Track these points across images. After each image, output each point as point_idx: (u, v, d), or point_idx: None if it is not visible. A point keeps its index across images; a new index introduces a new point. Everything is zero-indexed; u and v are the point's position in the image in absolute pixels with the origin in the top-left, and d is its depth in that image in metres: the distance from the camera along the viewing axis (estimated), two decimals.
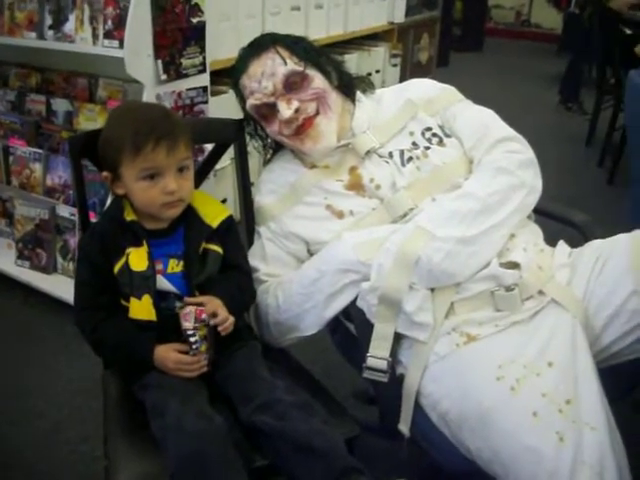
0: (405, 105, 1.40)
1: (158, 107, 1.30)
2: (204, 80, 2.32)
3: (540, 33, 8.89)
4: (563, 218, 1.55)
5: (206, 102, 2.35)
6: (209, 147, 2.03)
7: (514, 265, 1.22)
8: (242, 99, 1.38)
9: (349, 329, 1.36)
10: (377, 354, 1.19)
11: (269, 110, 1.33)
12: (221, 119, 1.44)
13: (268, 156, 1.47)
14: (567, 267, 1.28)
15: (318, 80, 1.33)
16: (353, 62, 3.57)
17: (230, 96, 2.58)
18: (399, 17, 4.19)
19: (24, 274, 2.45)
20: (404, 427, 1.22)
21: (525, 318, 1.18)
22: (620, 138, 3.63)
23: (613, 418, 1.09)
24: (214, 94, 2.47)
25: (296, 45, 1.34)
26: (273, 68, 1.30)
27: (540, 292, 1.22)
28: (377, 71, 3.99)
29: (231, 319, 1.17)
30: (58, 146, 2.49)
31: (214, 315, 1.14)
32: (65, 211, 2.38)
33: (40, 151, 2.47)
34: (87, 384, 1.96)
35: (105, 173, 1.20)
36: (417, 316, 1.17)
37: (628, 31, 3.45)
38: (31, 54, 2.55)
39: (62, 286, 2.35)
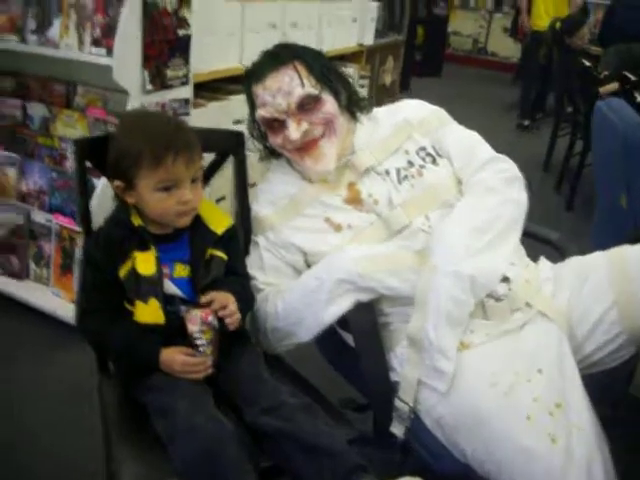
0: (402, 125, 1.46)
1: (170, 118, 1.32)
2: (187, 92, 2.35)
3: (496, 61, 9.18)
4: (541, 236, 1.63)
5: (188, 114, 2.37)
6: None
7: (504, 278, 1.29)
8: (252, 104, 1.41)
9: (340, 337, 1.40)
10: (405, 398, 1.24)
11: (277, 124, 1.37)
12: (223, 130, 1.47)
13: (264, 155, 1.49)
14: (550, 281, 1.37)
15: (329, 105, 1.38)
16: None
17: (209, 110, 2.64)
18: (368, 39, 4.23)
19: None
20: (397, 431, 1.27)
21: (515, 328, 1.26)
22: (577, 164, 3.81)
23: (597, 419, 1.17)
24: (195, 107, 2.49)
25: (315, 62, 1.38)
26: (290, 87, 1.34)
27: (527, 304, 1.29)
28: None
29: (238, 314, 1.19)
30: (33, 151, 2.47)
31: (224, 307, 1.17)
32: (41, 217, 2.36)
33: (14, 155, 2.44)
34: (62, 390, 1.93)
35: (117, 182, 1.20)
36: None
37: (587, 63, 3.64)
38: (5, 57, 2.51)
39: (34, 292, 2.33)
